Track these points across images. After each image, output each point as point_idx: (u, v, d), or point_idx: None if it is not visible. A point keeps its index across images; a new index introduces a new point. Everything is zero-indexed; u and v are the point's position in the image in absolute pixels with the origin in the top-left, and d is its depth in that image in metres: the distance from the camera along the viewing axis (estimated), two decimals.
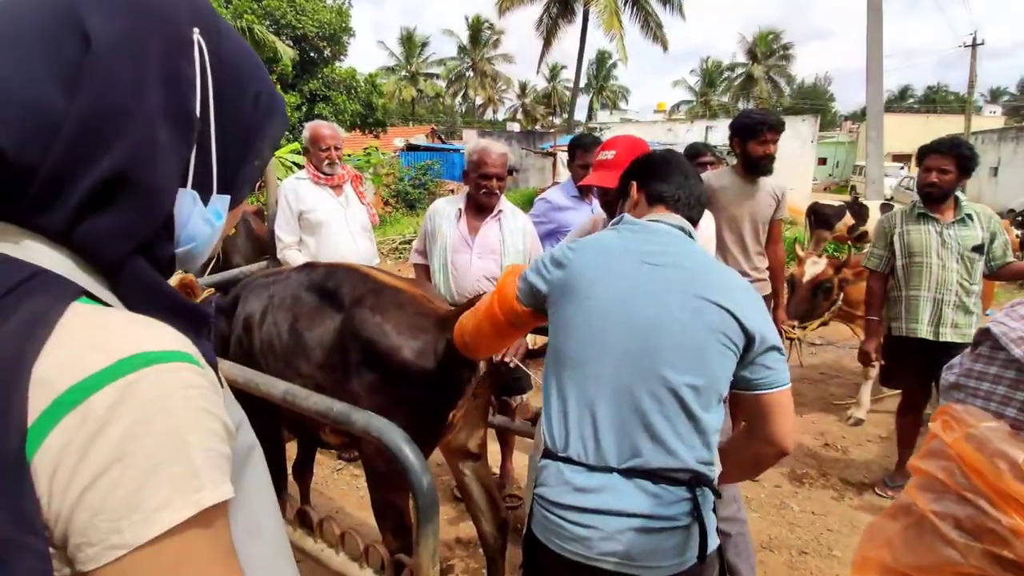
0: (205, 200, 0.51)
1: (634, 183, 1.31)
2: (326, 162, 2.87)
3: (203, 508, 0.41)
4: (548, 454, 1.16)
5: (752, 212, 2.88)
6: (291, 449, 2.37)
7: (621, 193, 1.36)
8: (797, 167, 14.61)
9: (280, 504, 1.64)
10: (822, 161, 28.33)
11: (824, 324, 3.72)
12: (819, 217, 7.61)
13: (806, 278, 3.60)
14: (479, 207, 2.41)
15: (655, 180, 1.27)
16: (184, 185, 0.49)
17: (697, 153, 3.64)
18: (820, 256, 3.70)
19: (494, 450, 2.60)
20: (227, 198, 0.53)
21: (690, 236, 1.22)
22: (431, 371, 1.59)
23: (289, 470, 2.39)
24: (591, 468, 1.10)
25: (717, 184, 2.88)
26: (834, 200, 8.51)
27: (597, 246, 1.20)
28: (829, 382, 4.42)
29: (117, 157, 0.43)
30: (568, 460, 1.12)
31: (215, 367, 0.50)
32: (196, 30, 0.48)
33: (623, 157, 1.81)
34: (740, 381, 1.13)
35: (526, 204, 3.08)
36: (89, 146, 0.42)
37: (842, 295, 3.62)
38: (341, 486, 2.98)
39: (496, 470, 2.88)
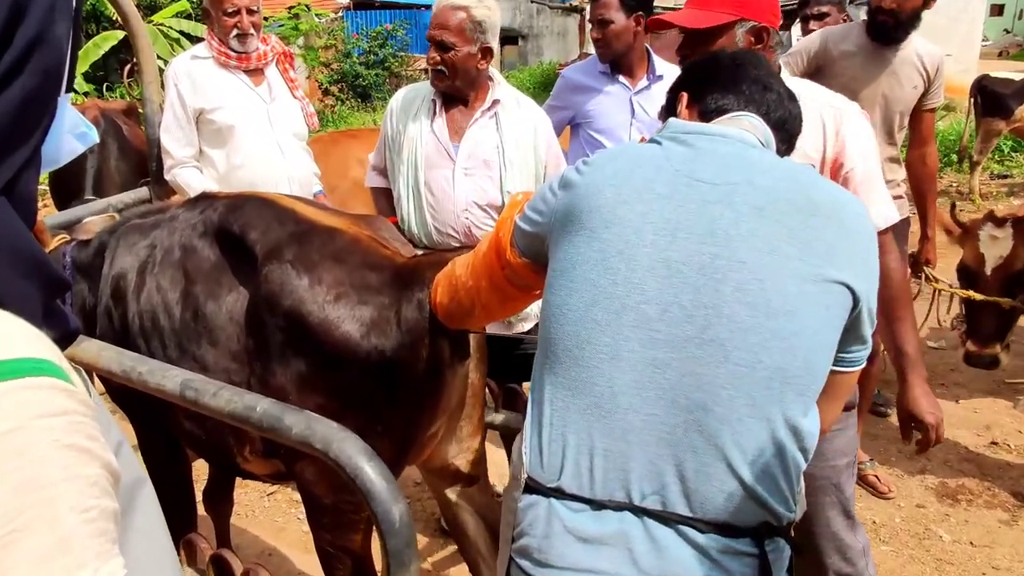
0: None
1: (684, 94, 1.32)
2: (234, 33, 2.82)
3: None
4: (533, 486, 1.13)
5: (887, 93, 2.86)
6: (201, 469, 2.40)
7: (667, 111, 1.38)
8: (957, 21, 14.18)
9: (188, 549, 1.68)
10: (997, 10, 27.50)
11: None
12: (989, 98, 7.50)
13: (988, 268, 3.24)
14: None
15: (715, 88, 1.27)
16: (68, 89, 0.54)
17: (805, 3, 3.60)
18: (1001, 226, 3.29)
19: (499, 460, 2.62)
20: (69, 97, 0.57)
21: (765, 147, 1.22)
22: (392, 351, 1.58)
23: (200, 498, 2.43)
24: (599, 505, 1.06)
25: (838, 49, 2.86)
26: (1015, 72, 8.27)
27: (625, 156, 1.20)
28: None
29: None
30: (562, 493, 1.09)
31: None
32: None
33: None
34: None
35: (540, 89, 3.00)
36: None
37: None
38: (276, 517, 3.06)
39: (502, 489, 2.92)
